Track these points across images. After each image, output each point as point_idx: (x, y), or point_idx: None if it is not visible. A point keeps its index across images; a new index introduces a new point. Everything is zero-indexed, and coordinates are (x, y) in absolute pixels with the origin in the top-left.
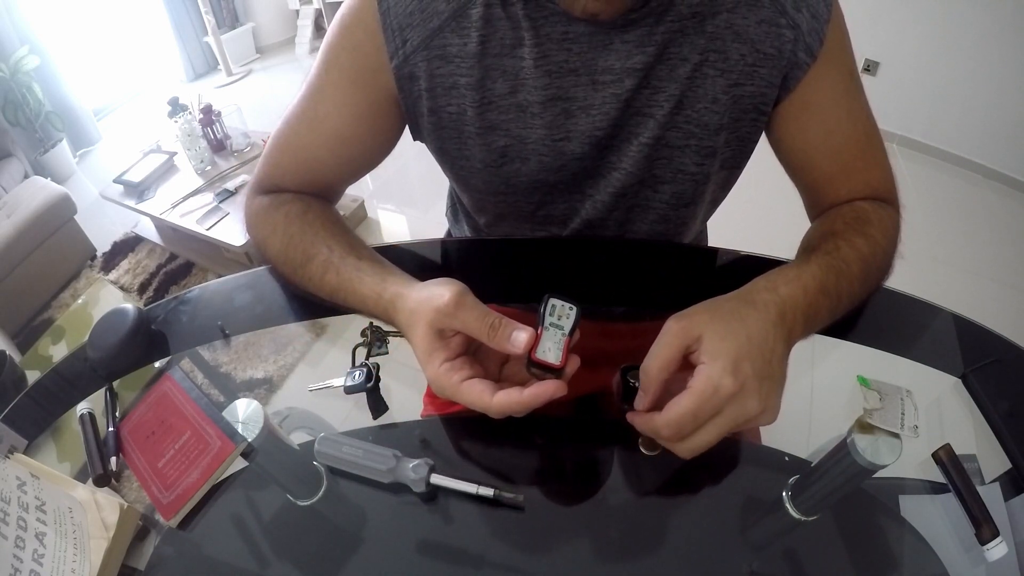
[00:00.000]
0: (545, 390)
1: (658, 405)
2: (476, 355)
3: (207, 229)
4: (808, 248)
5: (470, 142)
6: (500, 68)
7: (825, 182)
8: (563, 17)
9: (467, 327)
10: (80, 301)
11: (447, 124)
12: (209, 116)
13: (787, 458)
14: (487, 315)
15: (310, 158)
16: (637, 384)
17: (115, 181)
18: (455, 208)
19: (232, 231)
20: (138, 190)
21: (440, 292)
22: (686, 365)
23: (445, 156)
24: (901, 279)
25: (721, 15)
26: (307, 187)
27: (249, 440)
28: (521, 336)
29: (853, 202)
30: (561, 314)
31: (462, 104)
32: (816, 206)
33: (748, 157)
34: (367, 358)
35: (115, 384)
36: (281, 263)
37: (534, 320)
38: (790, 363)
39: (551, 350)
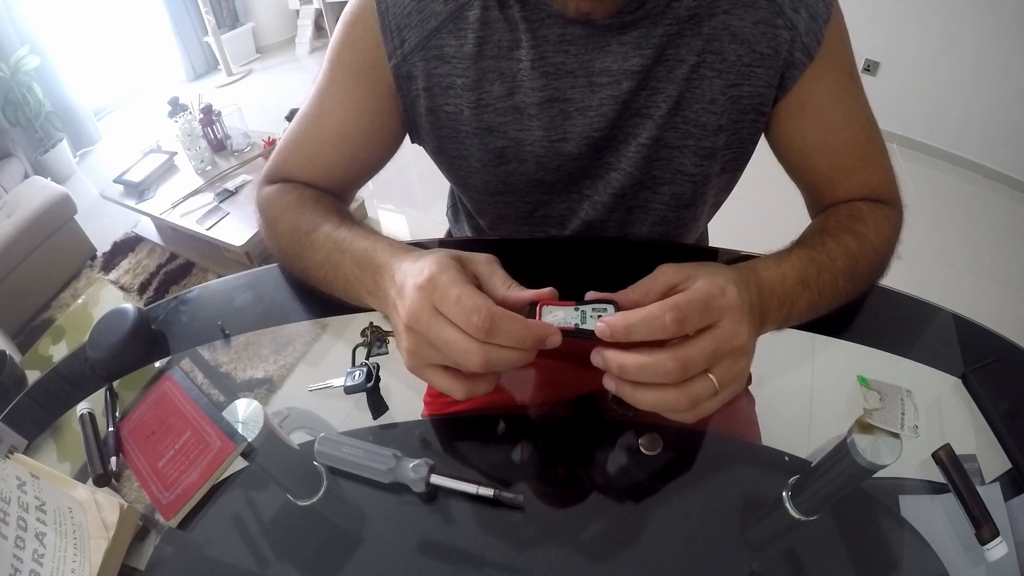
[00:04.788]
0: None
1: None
2: None
3: (207, 229)
4: (796, 242)
5: (467, 142)
6: (497, 70)
7: (824, 182)
8: (560, 19)
9: (493, 274)
10: (80, 301)
11: (445, 124)
12: (209, 116)
13: (787, 458)
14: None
15: (315, 154)
16: None
17: (115, 181)
18: (456, 208)
19: (232, 231)
20: (138, 190)
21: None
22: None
23: (443, 156)
24: (901, 279)
25: (718, 16)
26: (314, 184)
27: (249, 440)
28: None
29: (851, 202)
30: (600, 313)
31: (459, 104)
32: (816, 206)
33: (748, 159)
34: (367, 358)
35: (115, 384)
36: (288, 234)
37: None
38: (789, 363)
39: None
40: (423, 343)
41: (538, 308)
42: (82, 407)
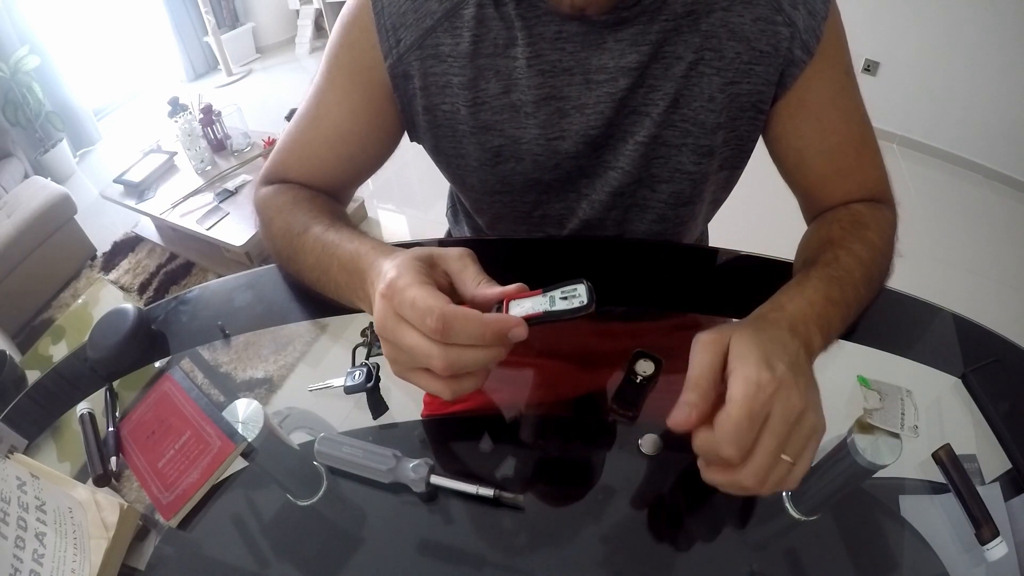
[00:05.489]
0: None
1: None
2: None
3: (207, 229)
4: (808, 260)
5: (465, 141)
6: (493, 68)
7: (820, 182)
8: (556, 17)
9: (464, 269)
10: (80, 301)
11: (442, 123)
12: (209, 116)
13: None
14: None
15: (312, 155)
16: (640, 378)
17: (115, 181)
18: (455, 208)
19: (232, 231)
20: (138, 190)
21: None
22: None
23: (441, 155)
24: (901, 279)
25: (716, 13)
26: (310, 184)
27: (249, 440)
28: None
29: (849, 205)
30: (569, 294)
31: (455, 103)
32: (812, 207)
33: (748, 157)
34: (367, 358)
35: (115, 384)
36: (281, 236)
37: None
38: None
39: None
40: (397, 349)
41: (505, 303)
42: (82, 407)
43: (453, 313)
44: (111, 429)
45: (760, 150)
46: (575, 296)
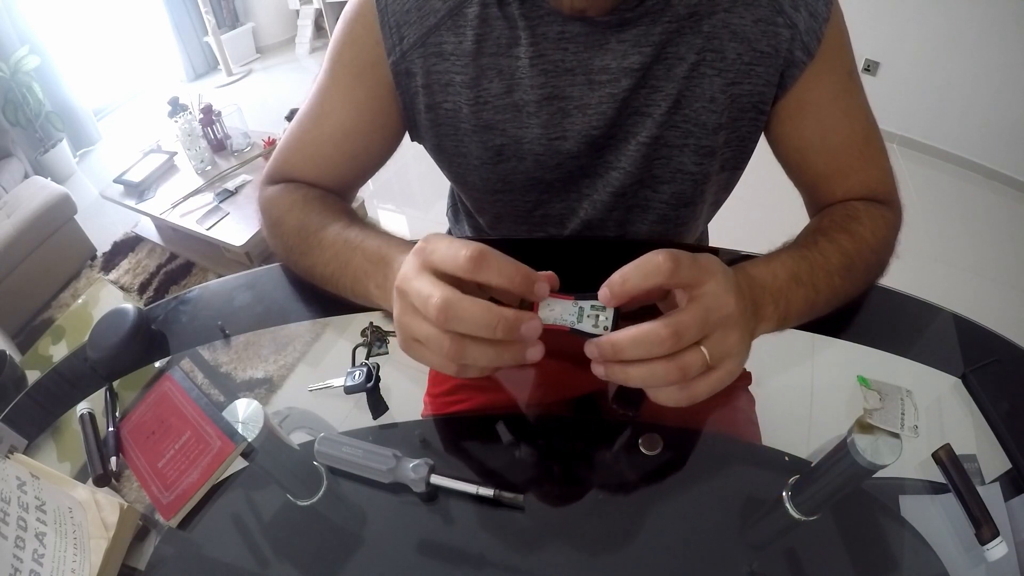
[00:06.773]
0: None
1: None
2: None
3: (207, 229)
4: (788, 244)
5: (466, 139)
6: (496, 67)
7: (822, 181)
8: (559, 17)
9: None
10: (80, 301)
11: (444, 121)
12: (209, 116)
13: (787, 458)
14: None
15: (316, 153)
16: None
17: (115, 181)
18: (456, 208)
19: (232, 231)
20: (138, 190)
21: None
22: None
23: (442, 154)
24: (901, 279)
25: (718, 15)
26: (316, 183)
27: (249, 440)
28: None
29: (847, 202)
30: (598, 310)
31: (458, 101)
32: (815, 206)
33: (748, 158)
34: (367, 358)
35: (115, 384)
36: (294, 232)
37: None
38: (789, 363)
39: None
40: (412, 314)
41: (535, 305)
42: (82, 407)
43: (457, 297)
44: (111, 429)
45: (760, 151)
46: (603, 317)
